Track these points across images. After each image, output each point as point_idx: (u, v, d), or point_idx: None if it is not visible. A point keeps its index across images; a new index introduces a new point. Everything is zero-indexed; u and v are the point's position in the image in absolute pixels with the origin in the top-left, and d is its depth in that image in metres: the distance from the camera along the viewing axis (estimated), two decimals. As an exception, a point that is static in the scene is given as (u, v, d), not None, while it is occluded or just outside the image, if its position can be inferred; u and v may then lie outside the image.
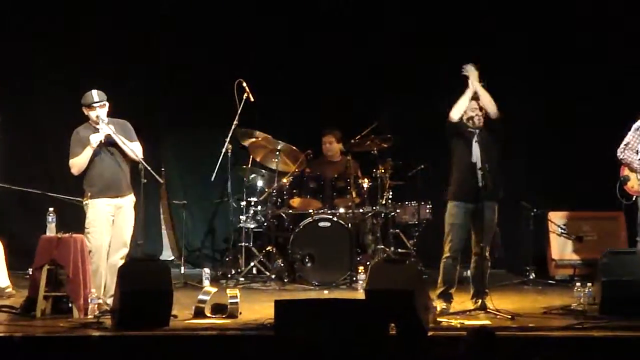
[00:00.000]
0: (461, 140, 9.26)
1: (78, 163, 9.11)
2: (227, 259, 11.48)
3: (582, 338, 7.88)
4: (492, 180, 9.03)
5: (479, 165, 9.05)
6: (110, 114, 9.18)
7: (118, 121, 9.25)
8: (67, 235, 8.79)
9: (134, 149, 9.14)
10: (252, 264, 11.44)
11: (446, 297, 9.20)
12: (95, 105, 9.07)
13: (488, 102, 9.24)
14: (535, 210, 11.45)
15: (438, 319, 8.45)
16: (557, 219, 11.60)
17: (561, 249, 11.58)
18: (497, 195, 9.25)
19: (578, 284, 9.23)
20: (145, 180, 9.12)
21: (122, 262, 9.05)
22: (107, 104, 9.14)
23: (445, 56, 11.86)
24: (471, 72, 9.30)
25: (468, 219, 9.23)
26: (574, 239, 11.47)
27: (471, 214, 9.21)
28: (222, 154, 11.09)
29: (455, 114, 9.24)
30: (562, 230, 11.51)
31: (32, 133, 12.15)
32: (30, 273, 9.13)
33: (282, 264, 11.24)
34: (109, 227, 9.16)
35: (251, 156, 11.61)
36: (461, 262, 9.48)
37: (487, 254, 9.25)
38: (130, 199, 9.28)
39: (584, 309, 8.95)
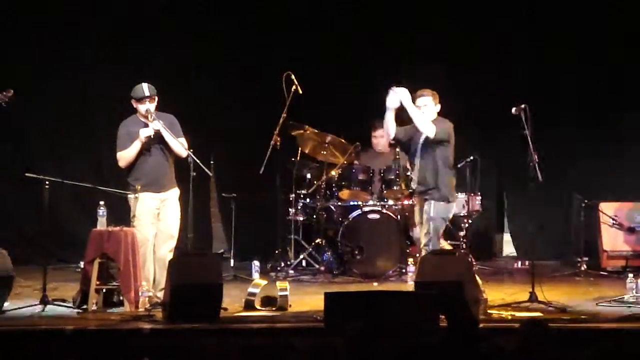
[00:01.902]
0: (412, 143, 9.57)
1: (126, 156, 9.17)
2: (276, 252, 11.48)
3: (634, 330, 7.82)
4: (431, 180, 9.38)
5: (417, 166, 9.45)
6: (160, 108, 9.23)
7: (165, 115, 9.28)
8: (117, 228, 8.84)
9: (179, 146, 9.17)
10: (301, 256, 11.45)
11: None
12: (145, 99, 9.11)
13: (422, 125, 9.41)
14: (586, 201, 11.37)
15: (489, 311, 8.42)
16: (608, 209, 11.49)
17: (613, 240, 11.48)
18: (436, 194, 9.41)
19: (630, 275, 9.16)
20: (195, 174, 9.15)
21: (170, 255, 9.11)
22: (157, 98, 9.18)
23: (496, 53, 11.91)
24: (403, 96, 9.34)
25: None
26: (625, 230, 11.37)
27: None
28: (271, 146, 11.08)
29: (389, 136, 9.68)
30: (614, 221, 11.41)
31: (83, 126, 12.24)
32: (82, 267, 9.20)
33: (332, 256, 11.25)
34: (155, 220, 9.21)
35: (300, 149, 11.60)
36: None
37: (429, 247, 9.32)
38: (174, 192, 9.32)
39: (637, 300, 8.88)
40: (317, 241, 11.40)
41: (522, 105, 9.16)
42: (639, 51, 12.02)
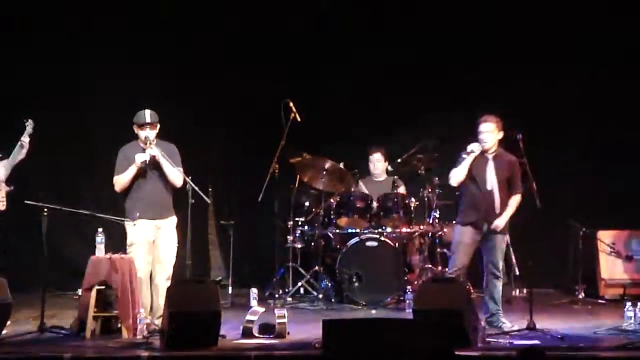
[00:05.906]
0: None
1: (122, 181, 9.20)
2: (274, 279, 11.49)
3: (633, 358, 7.82)
4: None
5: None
6: (159, 134, 9.24)
7: (166, 144, 9.30)
8: (116, 255, 8.85)
9: (176, 176, 9.18)
10: (299, 283, 11.47)
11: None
12: (146, 125, 9.14)
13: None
14: (584, 229, 11.38)
15: (487, 339, 8.41)
16: (606, 238, 11.51)
17: (611, 268, 11.51)
18: None
19: (628, 303, 9.17)
20: (193, 201, 9.17)
21: (167, 282, 9.10)
22: (158, 126, 9.21)
23: (497, 77, 11.93)
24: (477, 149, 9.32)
25: None
26: (623, 258, 11.38)
27: None
28: (269, 174, 11.12)
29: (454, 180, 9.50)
30: (612, 250, 11.43)
31: (82, 152, 12.23)
32: (80, 294, 9.19)
33: (330, 284, 11.25)
34: (150, 247, 9.21)
35: (298, 176, 11.63)
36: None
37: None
38: (171, 221, 9.31)
39: (635, 328, 8.87)
40: (315, 268, 11.41)
41: (519, 134, 9.23)
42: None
